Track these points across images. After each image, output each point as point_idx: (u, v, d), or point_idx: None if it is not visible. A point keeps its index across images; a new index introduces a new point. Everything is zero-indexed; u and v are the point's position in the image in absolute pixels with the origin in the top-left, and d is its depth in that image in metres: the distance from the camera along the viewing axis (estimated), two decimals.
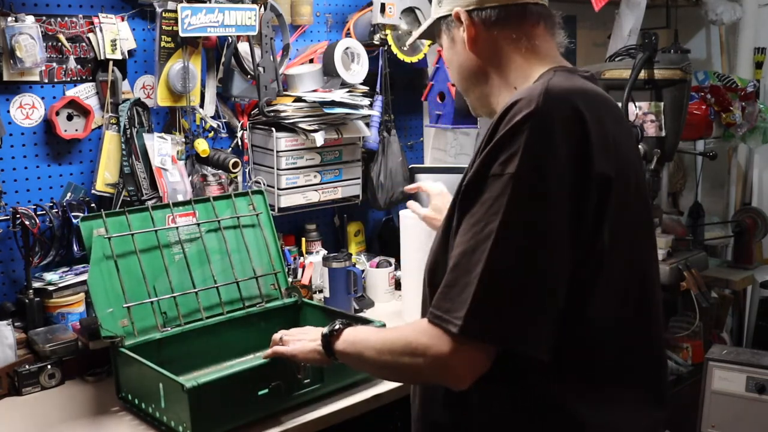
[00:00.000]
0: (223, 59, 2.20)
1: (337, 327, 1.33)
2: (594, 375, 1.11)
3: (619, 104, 2.37)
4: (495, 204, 1.02)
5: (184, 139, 2.11)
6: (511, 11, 1.18)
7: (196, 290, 1.81)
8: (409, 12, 2.44)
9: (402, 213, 2.08)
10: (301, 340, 1.45)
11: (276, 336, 1.52)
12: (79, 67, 1.99)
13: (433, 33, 1.32)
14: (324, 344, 1.34)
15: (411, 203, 1.95)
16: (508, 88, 1.20)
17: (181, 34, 1.98)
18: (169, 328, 1.74)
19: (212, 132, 2.22)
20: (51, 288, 1.88)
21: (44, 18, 1.91)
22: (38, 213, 1.88)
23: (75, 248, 1.90)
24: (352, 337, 1.30)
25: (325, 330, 1.34)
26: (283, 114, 2.18)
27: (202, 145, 2.13)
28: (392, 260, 2.40)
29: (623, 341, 1.12)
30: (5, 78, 1.86)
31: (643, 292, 1.16)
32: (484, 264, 1.01)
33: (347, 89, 2.32)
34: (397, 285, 2.34)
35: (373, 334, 1.28)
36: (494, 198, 1.03)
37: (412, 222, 1.99)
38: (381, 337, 1.22)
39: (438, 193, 1.87)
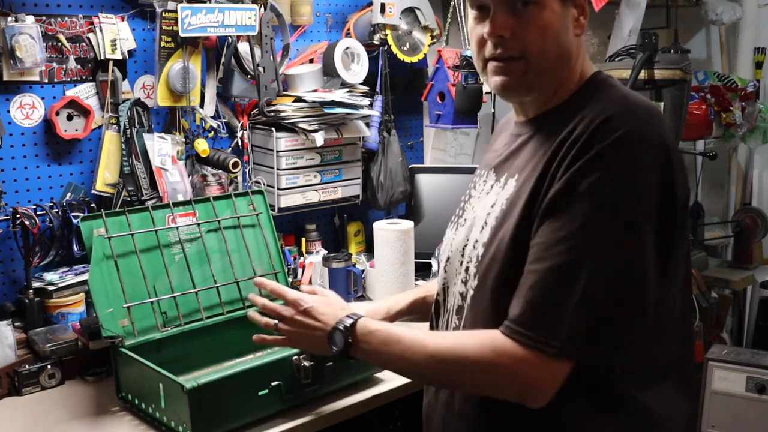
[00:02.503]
0: (223, 59, 2.20)
1: (349, 323, 1.22)
2: (654, 370, 1.13)
3: None
4: (589, 224, 1.02)
5: (184, 139, 2.11)
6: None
7: (196, 290, 1.81)
8: (409, 12, 2.44)
9: (376, 225, 2.05)
10: (301, 332, 1.31)
11: (270, 321, 1.36)
12: (79, 67, 1.99)
13: None
14: (343, 345, 1.22)
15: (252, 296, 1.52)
16: (559, 82, 1.17)
17: (181, 34, 1.98)
18: (169, 328, 1.74)
19: (212, 132, 2.22)
20: (51, 288, 1.88)
21: (44, 18, 1.91)
22: (38, 213, 1.88)
23: (75, 248, 1.90)
24: (384, 335, 1.20)
25: (338, 332, 1.23)
26: (283, 114, 2.18)
27: (202, 145, 2.13)
28: None
29: (676, 341, 1.16)
30: (5, 78, 1.86)
31: (689, 297, 1.22)
32: (584, 286, 1.01)
33: (347, 89, 2.32)
34: None
35: (429, 338, 1.18)
36: (587, 217, 1.02)
37: (387, 233, 1.98)
38: (438, 343, 1.15)
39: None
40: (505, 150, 1.26)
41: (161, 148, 2.03)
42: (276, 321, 1.35)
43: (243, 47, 2.18)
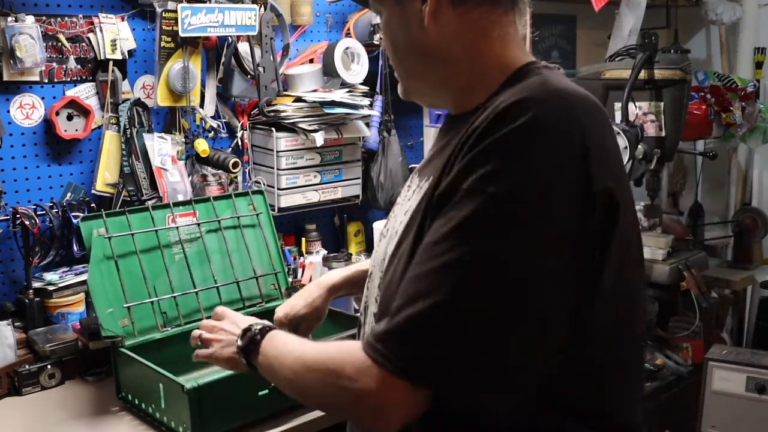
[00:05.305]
0: (223, 59, 2.20)
1: (257, 338, 1.11)
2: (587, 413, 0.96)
3: (619, 104, 2.37)
4: (466, 226, 0.86)
5: (184, 139, 2.11)
6: None
7: (196, 290, 1.81)
8: None
9: (376, 225, 2.07)
10: (221, 340, 1.20)
11: (196, 332, 1.27)
12: (79, 67, 1.99)
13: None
14: (244, 355, 1.13)
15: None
16: (469, 79, 1.02)
17: (181, 34, 1.98)
18: (169, 328, 1.74)
19: (212, 132, 2.22)
20: (51, 288, 1.88)
21: (44, 18, 1.91)
22: (38, 213, 1.88)
23: (75, 248, 1.90)
24: (272, 350, 1.09)
25: (240, 342, 1.13)
26: (283, 114, 2.18)
27: (202, 145, 2.13)
28: None
29: (616, 376, 0.99)
30: (5, 78, 1.86)
31: (635, 324, 1.03)
32: (445, 298, 0.85)
33: (347, 89, 2.32)
34: None
35: (297, 347, 1.05)
36: (466, 218, 0.86)
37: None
38: (301, 356, 1.02)
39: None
40: (432, 151, 1.14)
41: (161, 148, 2.03)
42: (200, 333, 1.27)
43: (243, 47, 2.18)
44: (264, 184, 2.24)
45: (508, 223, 0.85)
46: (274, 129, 2.20)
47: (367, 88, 2.40)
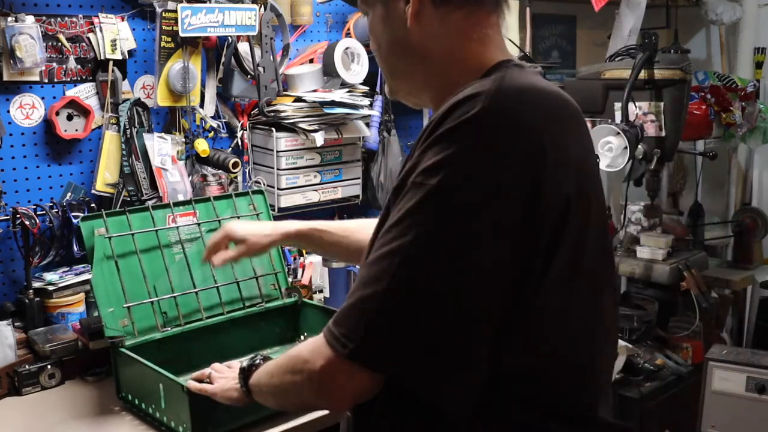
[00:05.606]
0: (223, 59, 2.20)
1: (257, 361, 1.21)
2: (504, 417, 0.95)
3: (619, 104, 2.37)
4: (408, 216, 0.90)
5: (184, 139, 2.11)
6: None
7: (196, 290, 1.81)
8: None
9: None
10: (225, 377, 1.35)
11: (206, 371, 1.41)
12: (79, 67, 1.99)
13: None
14: (241, 380, 1.23)
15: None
16: (447, 79, 1.02)
17: (181, 34, 1.98)
18: (169, 328, 1.74)
19: (212, 132, 2.22)
20: (51, 288, 1.88)
21: (44, 18, 1.91)
22: (38, 213, 1.88)
23: (75, 248, 1.90)
24: (261, 367, 1.18)
25: (244, 364, 1.24)
26: (283, 114, 2.18)
27: (202, 145, 2.13)
28: None
29: (565, 381, 0.98)
30: (5, 78, 1.86)
31: (593, 329, 1.01)
32: (387, 283, 0.89)
33: (347, 89, 2.32)
34: None
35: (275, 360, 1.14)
36: (410, 210, 0.90)
37: None
38: (275, 360, 1.12)
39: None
40: None
41: (161, 148, 2.03)
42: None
43: (243, 47, 2.18)
44: (264, 184, 2.24)
45: (447, 214, 0.88)
46: (274, 129, 2.20)
47: (367, 88, 2.40)
